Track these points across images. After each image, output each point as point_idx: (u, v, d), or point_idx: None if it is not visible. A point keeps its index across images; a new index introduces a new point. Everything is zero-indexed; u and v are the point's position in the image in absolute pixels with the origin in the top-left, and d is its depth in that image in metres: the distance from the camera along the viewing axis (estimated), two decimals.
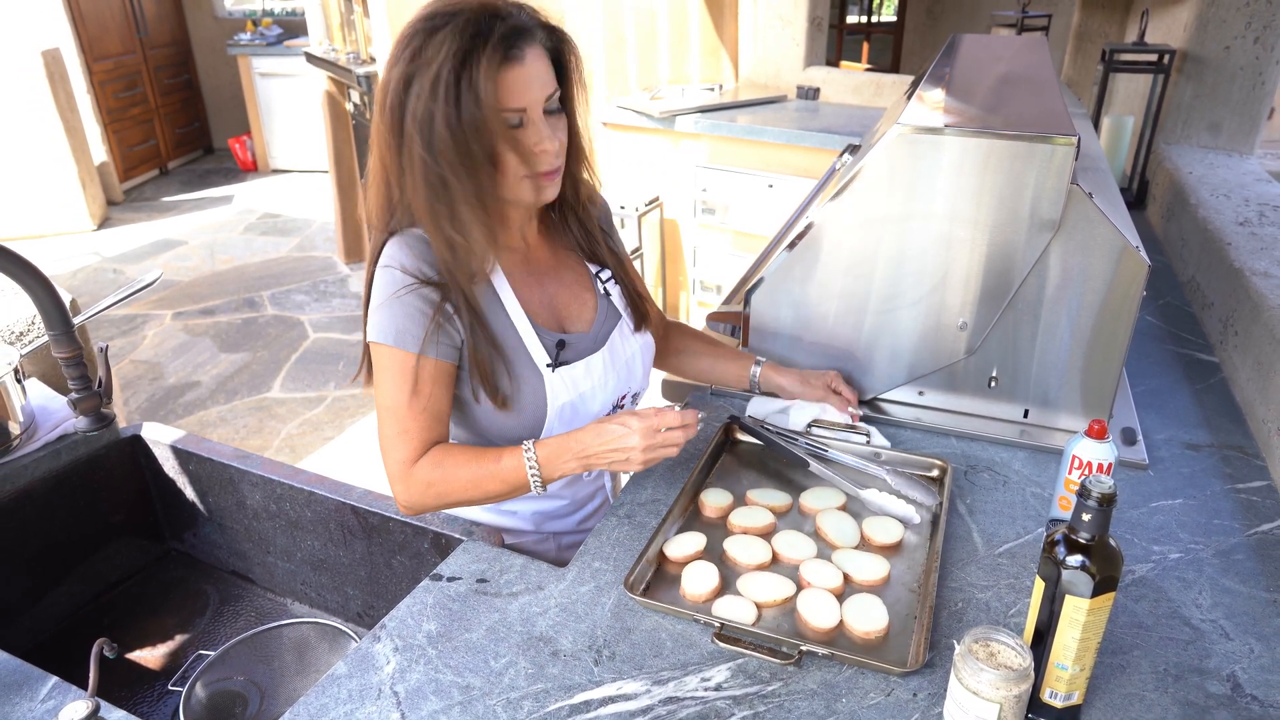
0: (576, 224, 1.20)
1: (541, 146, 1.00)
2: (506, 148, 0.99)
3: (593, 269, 1.22)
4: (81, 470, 1.33)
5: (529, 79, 0.97)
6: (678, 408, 1.05)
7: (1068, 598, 0.78)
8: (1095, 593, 0.78)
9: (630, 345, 1.22)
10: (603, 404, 1.18)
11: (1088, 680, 0.81)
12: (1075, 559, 0.78)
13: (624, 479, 1.34)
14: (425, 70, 0.94)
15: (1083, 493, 0.77)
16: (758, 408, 1.35)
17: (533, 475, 1.04)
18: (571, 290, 1.19)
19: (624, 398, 1.22)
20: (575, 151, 1.10)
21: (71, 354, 1.19)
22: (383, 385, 1.05)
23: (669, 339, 1.39)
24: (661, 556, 1.06)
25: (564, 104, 1.05)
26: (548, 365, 1.11)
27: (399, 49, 0.97)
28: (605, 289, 1.22)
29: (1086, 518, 0.77)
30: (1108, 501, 0.76)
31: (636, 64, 3.77)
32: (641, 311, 1.25)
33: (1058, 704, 0.82)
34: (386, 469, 1.07)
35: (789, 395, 1.33)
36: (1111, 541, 0.79)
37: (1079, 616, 0.78)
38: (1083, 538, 0.78)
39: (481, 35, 0.93)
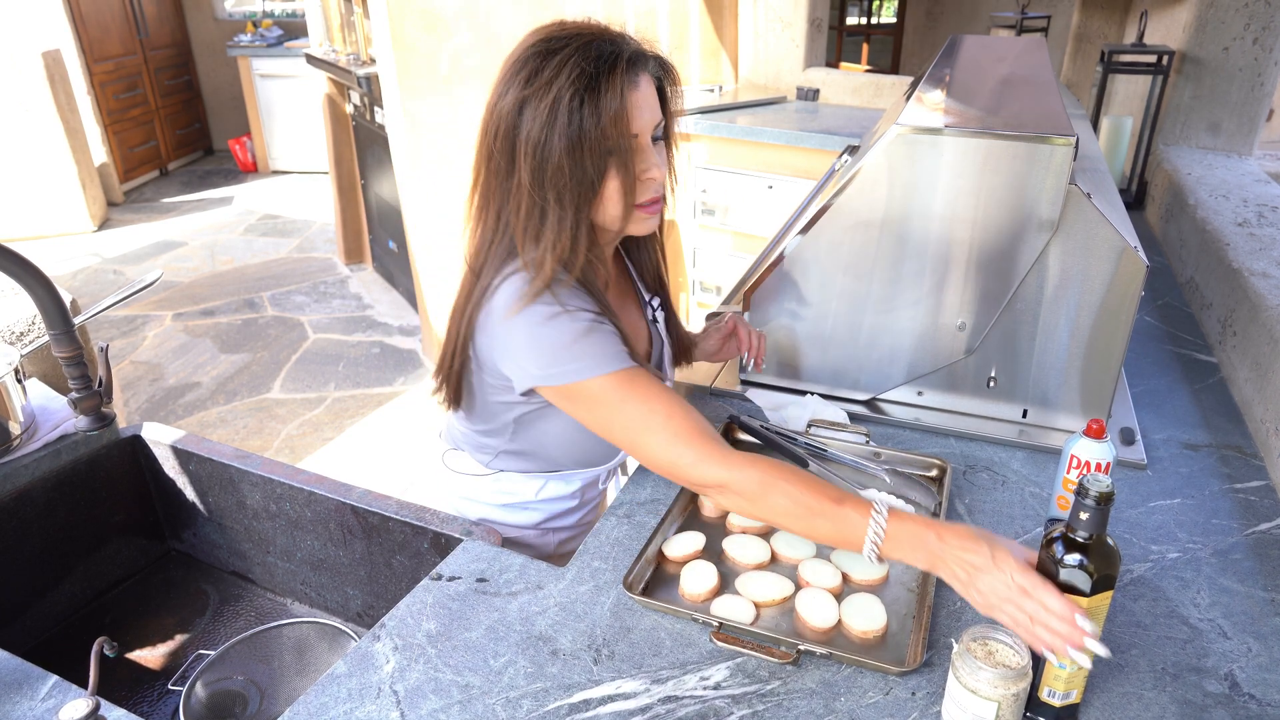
0: (650, 252, 1.20)
1: (649, 174, 0.99)
2: (617, 172, 0.96)
3: (645, 296, 1.22)
4: (82, 470, 1.33)
5: (644, 105, 0.97)
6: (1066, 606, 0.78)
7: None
8: (1093, 591, 0.78)
9: (667, 375, 1.24)
10: None
11: (1085, 678, 0.81)
12: (1073, 558, 0.78)
13: (622, 480, 1.34)
14: (543, 93, 0.92)
15: (1081, 491, 0.77)
16: (761, 400, 1.37)
17: (874, 539, 0.88)
18: (633, 318, 1.19)
19: None
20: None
21: (72, 354, 1.19)
22: (614, 417, 0.98)
23: None
24: (660, 556, 1.06)
25: (665, 135, 1.03)
26: None
27: (509, 74, 0.96)
28: (655, 316, 1.21)
29: (1084, 516, 0.77)
30: (1106, 500, 0.76)
31: None
32: (684, 345, 1.26)
33: (1056, 702, 0.82)
34: (696, 483, 0.97)
35: (705, 356, 1.34)
36: (1109, 540, 0.79)
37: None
38: (1081, 536, 0.78)
39: (605, 59, 0.93)
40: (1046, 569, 0.80)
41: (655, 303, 1.22)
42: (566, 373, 0.97)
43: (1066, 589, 0.79)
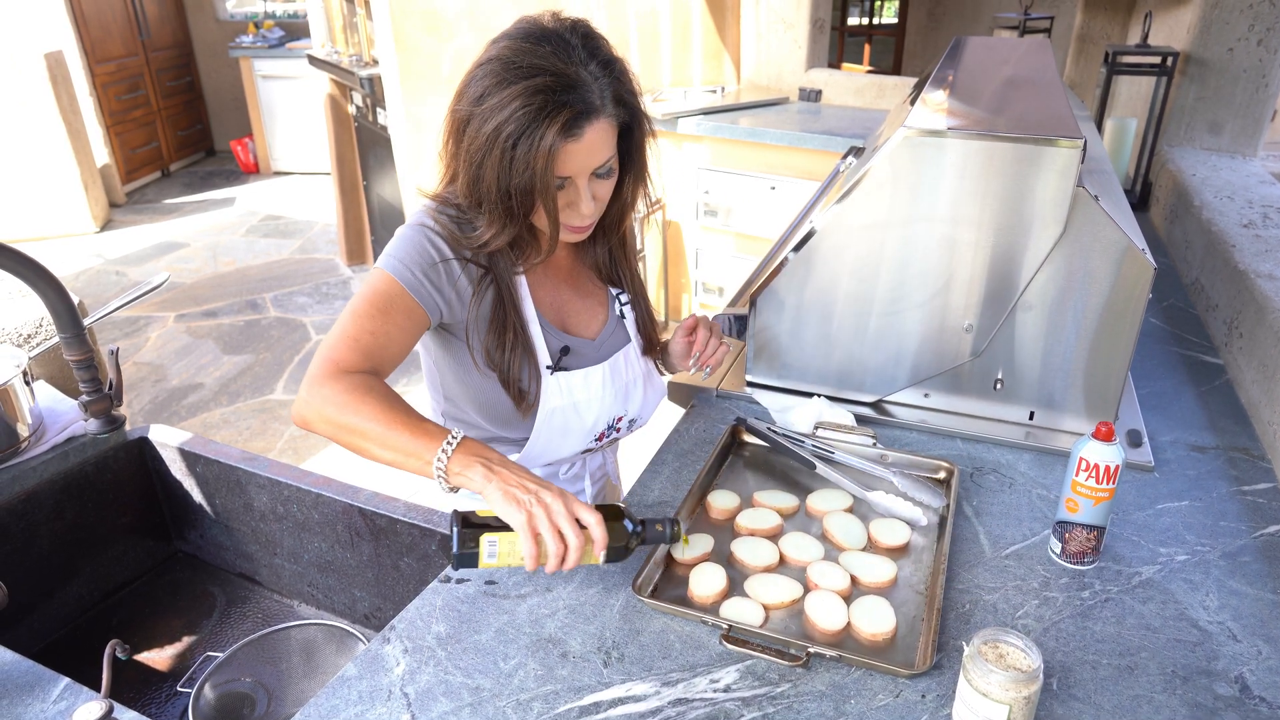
0: (604, 248, 1.21)
1: (577, 210, 1.03)
2: (544, 205, 0.99)
3: (612, 291, 1.23)
4: (89, 472, 1.33)
5: (583, 154, 0.99)
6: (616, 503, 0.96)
7: None
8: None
9: (634, 369, 1.23)
10: (596, 418, 1.18)
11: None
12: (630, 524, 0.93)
13: (625, 484, 1.34)
14: (487, 121, 0.95)
15: (674, 521, 0.95)
16: (768, 402, 1.36)
17: (442, 455, 0.90)
18: (585, 301, 1.20)
19: (620, 420, 1.23)
20: (621, 197, 1.12)
21: (83, 356, 1.19)
22: (355, 298, 1.02)
23: None
24: (669, 558, 1.06)
25: (625, 160, 1.07)
26: (547, 367, 1.12)
27: (466, 82, 0.99)
28: (621, 310, 1.23)
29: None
30: (676, 534, 0.96)
31: (639, 66, 3.78)
32: (651, 337, 1.27)
33: (483, 564, 0.91)
34: (310, 369, 0.98)
35: (673, 357, 1.32)
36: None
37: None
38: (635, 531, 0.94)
39: (548, 110, 0.93)
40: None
41: (623, 298, 1.24)
42: (385, 257, 1.04)
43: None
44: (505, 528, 0.90)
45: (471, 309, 1.08)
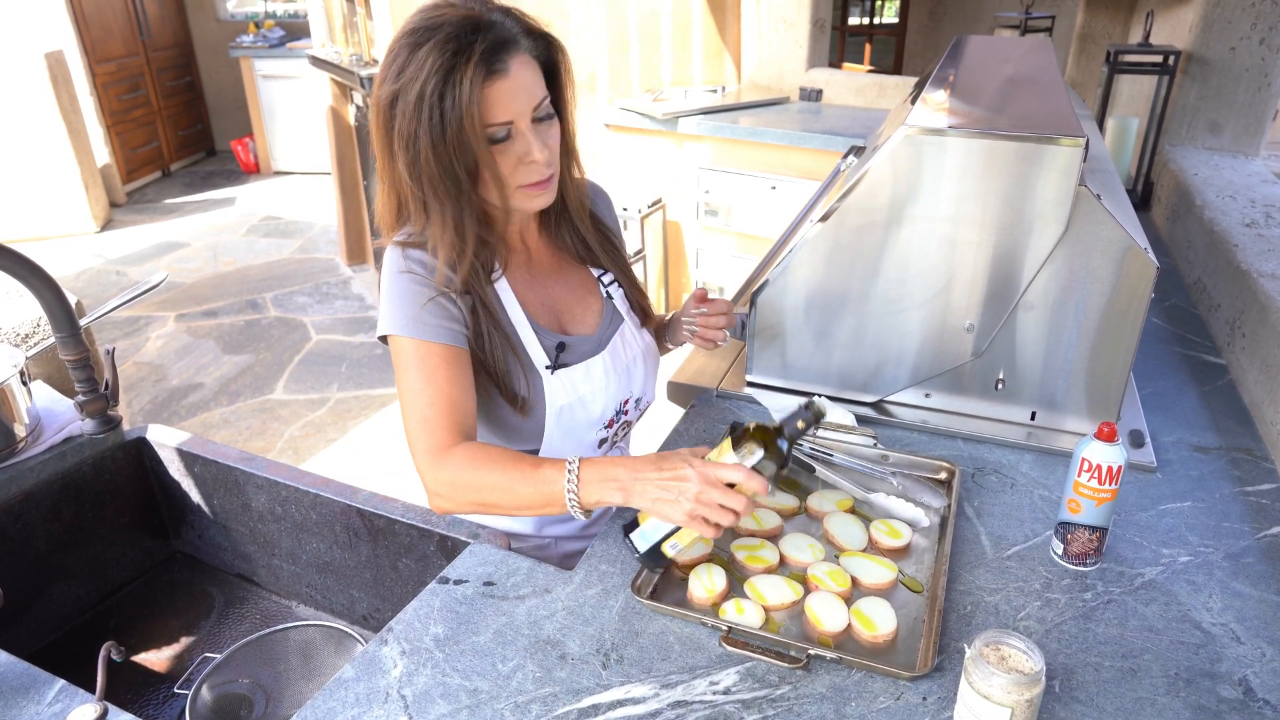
0: (571, 231, 1.19)
1: (530, 157, 0.99)
2: (486, 162, 0.97)
3: (595, 273, 1.22)
4: (87, 472, 1.33)
5: (514, 91, 0.96)
6: (741, 460, 0.91)
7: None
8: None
9: (632, 348, 1.22)
10: (603, 407, 1.18)
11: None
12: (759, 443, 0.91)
13: None
14: (409, 89, 0.93)
15: (808, 405, 0.92)
16: (768, 402, 1.36)
17: (570, 492, 0.92)
18: (575, 293, 1.19)
19: (626, 402, 1.22)
20: (568, 154, 1.09)
21: (79, 356, 1.19)
22: (400, 379, 1.02)
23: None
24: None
25: (556, 107, 1.04)
26: (546, 367, 1.11)
27: (385, 66, 0.97)
28: (608, 292, 1.22)
29: (795, 423, 0.92)
30: (817, 420, 0.92)
31: (639, 66, 3.77)
32: (644, 308, 1.25)
33: (675, 556, 0.96)
34: (415, 464, 1.00)
35: (676, 328, 1.33)
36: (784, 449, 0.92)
37: None
38: (782, 431, 0.92)
39: (463, 51, 0.92)
40: (737, 438, 0.92)
41: (607, 279, 1.22)
42: (389, 323, 1.02)
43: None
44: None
45: (470, 329, 1.07)
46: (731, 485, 0.89)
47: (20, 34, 5.09)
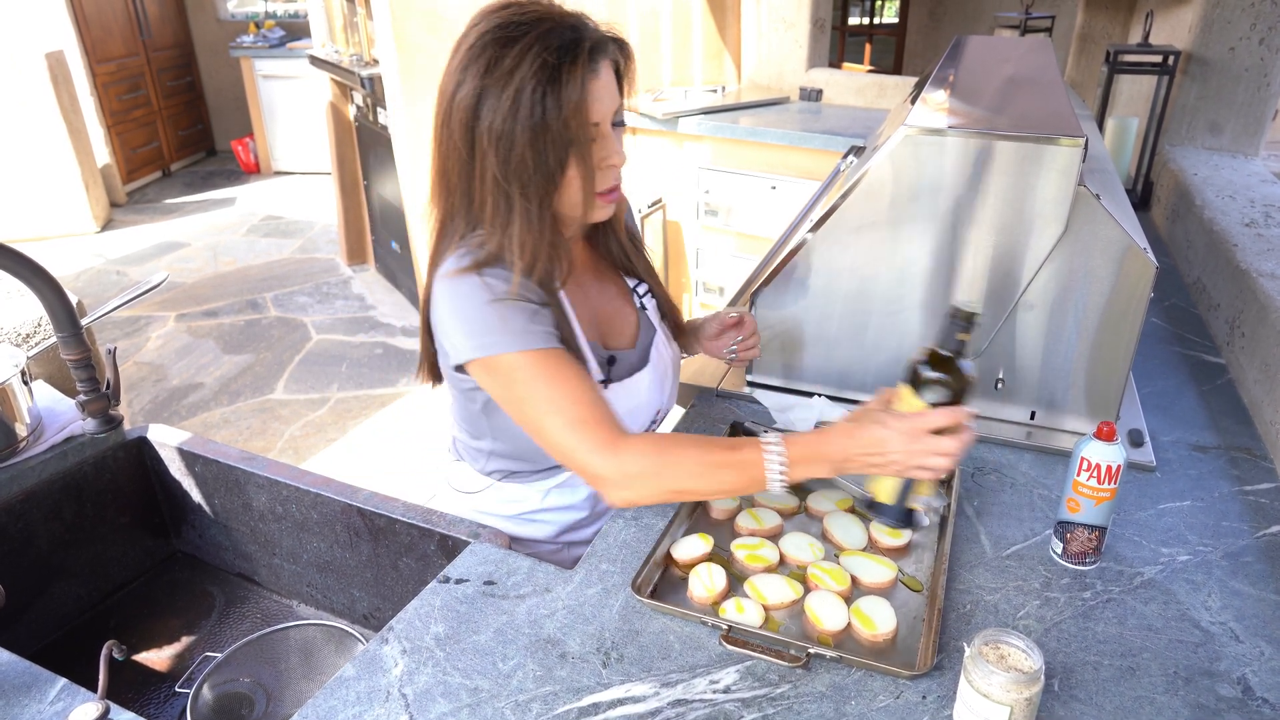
0: (615, 239, 1.18)
1: (610, 161, 0.99)
2: (578, 162, 0.95)
3: (630, 282, 1.21)
4: (87, 472, 1.33)
5: (605, 93, 0.96)
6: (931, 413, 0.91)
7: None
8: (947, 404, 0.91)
9: (665, 359, 1.21)
10: (641, 423, 1.17)
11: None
12: (936, 373, 0.90)
13: None
14: (504, 84, 0.91)
15: (954, 314, 0.88)
16: (768, 402, 1.36)
17: (779, 470, 0.93)
18: (614, 304, 1.17)
19: (659, 413, 1.22)
20: None
21: (80, 356, 1.19)
22: (525, 395, 0.97)
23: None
24: (668, 559, 1.06)
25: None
26: (601, 382, 1.10)
27: (465, 62, 0.94)
28: (642, 302, 1.21)
29: (952, 336, 0.89)
30: (969, 320, 0.88)
31: (640, 65, 3.77)
32: (676, 320, 1.25)
33: (920, 508, 0.97)
34: (584, 472, 0.97)
35: (703, 341, 1.32)
36: (963, 364, 0.90)
37: None
38: (945, 352, 0.90)
39: (567, 48, 0.91)
40: (915, 383, 0.91)
41: (641, 289, 1.21)
42: (485, 345, 0.97)
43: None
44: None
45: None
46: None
47: (20, 34, 5.10)
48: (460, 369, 1.03)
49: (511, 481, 1.19)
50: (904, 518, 0.97)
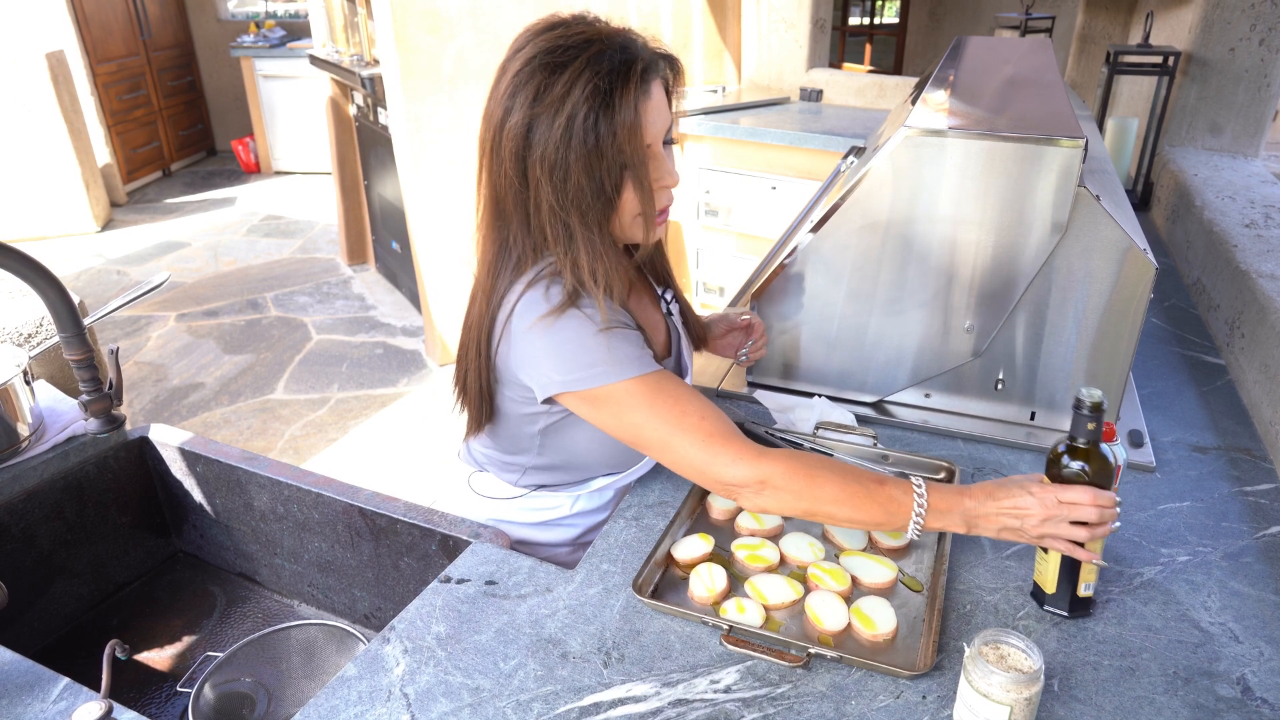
0: (659, 250, 1.17)
1: (664, 182, 0.98)
2: (634, 184, 0.94)
3: (658, 289, 1.20)
4: (89, 472, 1.33)
5: (657, 113, 0.94)
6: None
7: None
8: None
9: (687, 367, 1.22)
10: None
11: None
12: (1076, 463, 0.91)
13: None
14: (555, 111, 0.89)
15: (1078, 405, 0.89)
16: (769, 402, 1.36)
17: (917, 519, 0.93)
18: (650, 315, 1.16)
19: None
20: None
21: (83, 356, 1.19)
22: (645, 420, 0.96)
23: None
24: (669, 559, 1.06)
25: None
26: None
27: (512, 89, 0.92)
28: (669, 308, 1.20)
29: (1083, 426, 0.89)
30: (1098, 409, 0.88)
31: None
32: (699, 332, 1.24)
33: (1091, 595, 0.95)
34: (722, 482, 0.96)
35: (711, 342, 1.33)
36: (1103, 448, 0.91)
37: None
38: (1081, 444, 0.90)
39: (618, 72, 0.89)
40: (1056, 477, 0.92)
41: (669, 295, 1.21)
42: (590, 377, 0.95)
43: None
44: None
45: None
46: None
47: (21, 34, 5.10)
48: (549, 400, 1.01)
49: (544, 491, 1.18)
50: (1074, 605, 0.95)
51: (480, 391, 1.07)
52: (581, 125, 0.89)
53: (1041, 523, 0.90)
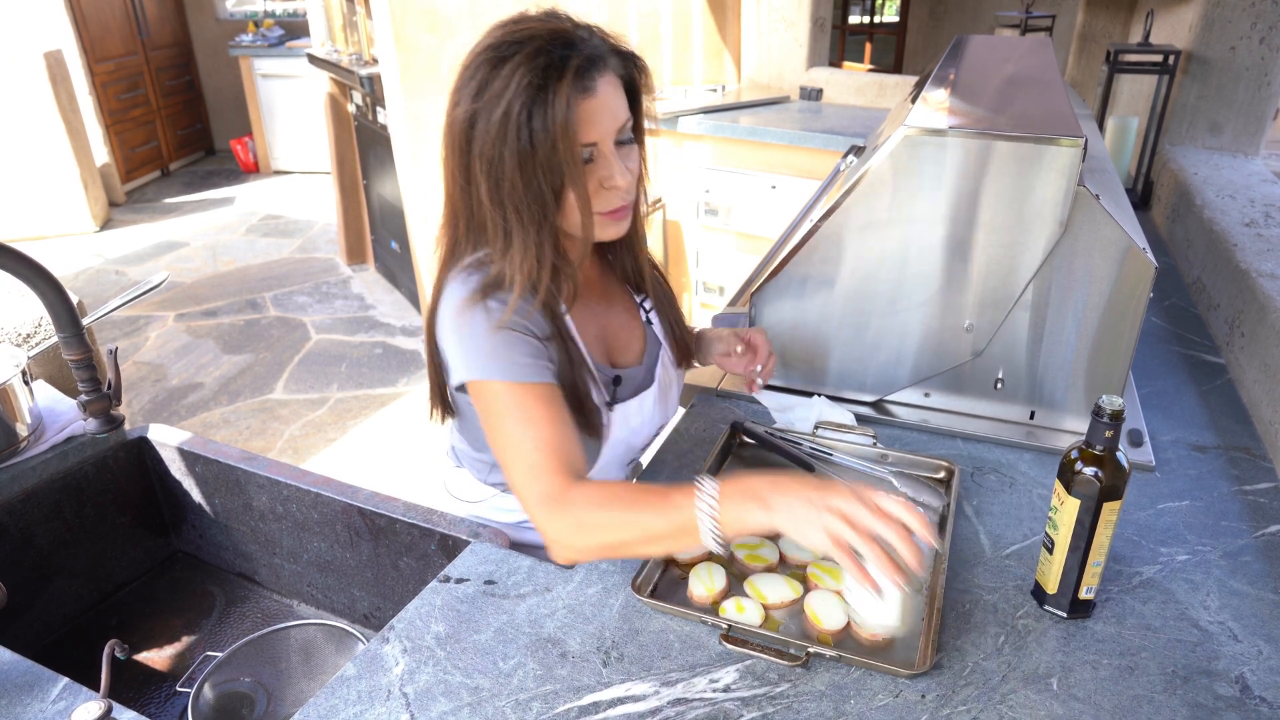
0: (630, 255, 1.16)
1: (613, 182, 0.95)
2: (573, 184, 0.92)
3: (637, 298, 1.19)
4: (88, 471, 1.33)
5: (601, 112, 0.92)
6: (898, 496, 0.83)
7: (1105, 504, 0.89)
8: (1103, 500, 0.90)
9: (669, 374, 1.20)
10: (645, 438, 1.18)
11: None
12: (1090, 469, 0.90)
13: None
14: (493, 106, 0.89)
15: (1097, 412, 0.88)
16: (768, 402, 1.36)
17: (709, 516, 0.83)
18: (621, 320, 1.15)
19: (659, 428, 1.22)
20: (638, 180, 1.04)
21: (82, 356, 1.19)
22: (498, 427, 0.96)
23: None
24: (668, 558, 1.06)
25: (634, 132, 1.00)
26: (606, 403, 1.09)
27: (461, 83, 0.93)
28: (648, 317, 1.19)
29: (1100, 433, 0.88)
30: (1117, 417, 0.87)
31: None
32: (686, 347, 1.22)
33: (1092, 597, 0.95)
34: (531, 517, 0.94)
35: (711, 359, 1.31)
36: (1119, 456, 0.90)
37: (1112, 518, 0.91)
38: (1097, 450, 0.89)
39: (554, 67, 0.88)
40: (1067, 481, 0.91)
41: (647, 304, 1.19)
42: (473, 367, 0.96)
43: (1107, 497, 0.90)
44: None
45: (554, 361, 1.01)
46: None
47: (19, 33, 5.10)
48: (462, 389, 1.03)
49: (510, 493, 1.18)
50: (1074, 606, 0.95)
51: (437, 383, 1.09)
52: (515, 121, 0.88)
53: (836, 514, 0.78)
